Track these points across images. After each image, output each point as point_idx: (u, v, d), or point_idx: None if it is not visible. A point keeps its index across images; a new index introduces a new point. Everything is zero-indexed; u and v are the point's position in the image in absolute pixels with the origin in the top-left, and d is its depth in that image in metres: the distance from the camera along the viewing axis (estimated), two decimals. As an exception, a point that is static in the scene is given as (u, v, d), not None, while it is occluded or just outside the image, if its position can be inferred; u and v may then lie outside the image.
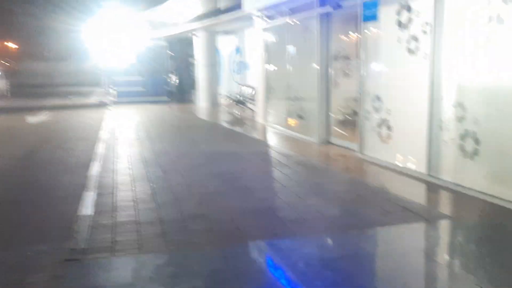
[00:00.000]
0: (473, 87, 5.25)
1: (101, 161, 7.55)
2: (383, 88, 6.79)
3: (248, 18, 12.14)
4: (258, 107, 12.49)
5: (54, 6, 31.86)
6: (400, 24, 6.28)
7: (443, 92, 5.64)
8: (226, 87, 18.54)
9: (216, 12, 13.85)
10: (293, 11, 9.79)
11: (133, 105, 18.23)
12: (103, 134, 10.58)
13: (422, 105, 5.91)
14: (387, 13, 6.54)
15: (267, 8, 10.69)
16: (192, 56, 20.02)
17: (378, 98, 6.88)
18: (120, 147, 8.95)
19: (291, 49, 10.06)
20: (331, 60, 8.65)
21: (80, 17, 25.65)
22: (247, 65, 16.38)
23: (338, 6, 7.81)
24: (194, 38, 17.85)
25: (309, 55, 9.19)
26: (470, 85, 5.28)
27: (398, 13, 6.29)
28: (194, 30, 17.10)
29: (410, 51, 6.10)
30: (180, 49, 21.46)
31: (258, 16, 11.39)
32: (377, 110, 6.94)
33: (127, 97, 19.20)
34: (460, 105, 5.39)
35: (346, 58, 8.38)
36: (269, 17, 11.10)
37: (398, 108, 6.52)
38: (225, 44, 18.60)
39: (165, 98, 20.03)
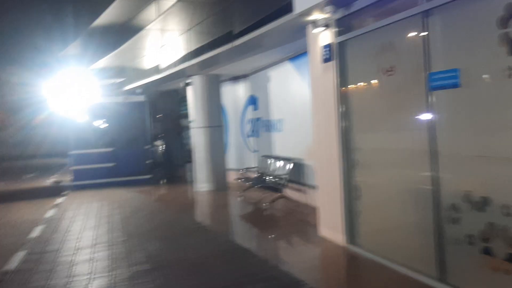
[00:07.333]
0: None
1: None
2: None
3: (295, 32, 6.23)
4: (320, 202, 6.23)
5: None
6: None
7: None
8: (236, 160, 12.49)
9: (230, 35, 7.92)
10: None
11: (97, 190, 12.16)
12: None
13: None
14: None
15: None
16: (184, 115, 14.00)
17: None
18: None
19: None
20: None
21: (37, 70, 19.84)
22: (271, 123, 10.39)
23: None
24: (187, 88, 11.89)
25: None
26: None
27: None
28: (186, 75, 11.24)
29: None
30: (167, 106, 15.48)
31: (326, 21, 5.50)
32: None
33: (89, 179, 12.87)
34: None
35: None
36: (348, 23, 5.24)
37: None
38: (232, 96, 12.69)
39: (146, 177, 13.56)
